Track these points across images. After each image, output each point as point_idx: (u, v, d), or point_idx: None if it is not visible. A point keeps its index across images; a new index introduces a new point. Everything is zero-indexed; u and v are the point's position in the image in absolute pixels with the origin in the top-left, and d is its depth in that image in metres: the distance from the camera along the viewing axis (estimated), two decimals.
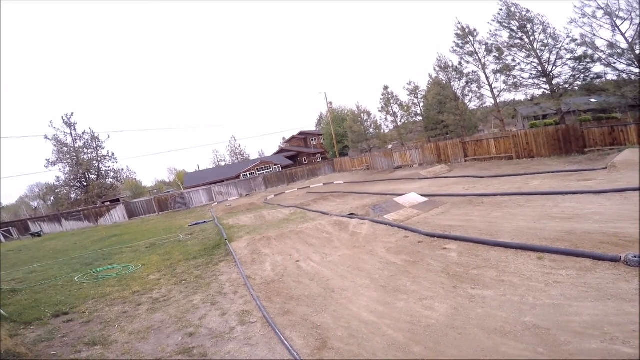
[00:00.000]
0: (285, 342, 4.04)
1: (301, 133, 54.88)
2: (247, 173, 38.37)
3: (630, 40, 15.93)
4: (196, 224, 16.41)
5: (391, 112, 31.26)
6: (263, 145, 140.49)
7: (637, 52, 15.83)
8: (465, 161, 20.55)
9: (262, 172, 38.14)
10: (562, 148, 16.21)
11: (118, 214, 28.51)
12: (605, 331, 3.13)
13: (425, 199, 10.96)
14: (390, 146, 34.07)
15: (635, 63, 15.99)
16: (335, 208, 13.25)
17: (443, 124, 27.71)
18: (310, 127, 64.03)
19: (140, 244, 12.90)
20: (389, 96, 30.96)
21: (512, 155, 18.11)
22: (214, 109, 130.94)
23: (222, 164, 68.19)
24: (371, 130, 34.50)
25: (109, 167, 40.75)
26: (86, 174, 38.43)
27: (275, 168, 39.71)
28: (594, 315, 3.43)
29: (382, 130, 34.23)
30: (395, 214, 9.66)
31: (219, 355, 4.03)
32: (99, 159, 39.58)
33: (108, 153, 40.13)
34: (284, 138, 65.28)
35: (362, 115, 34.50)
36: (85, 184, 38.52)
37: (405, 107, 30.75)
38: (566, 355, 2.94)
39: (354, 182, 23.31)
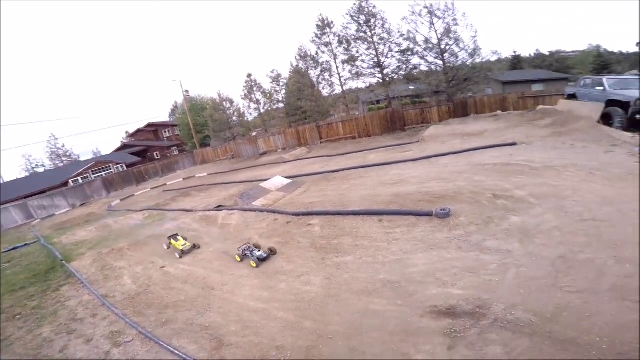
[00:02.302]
0: (176, 351, 3.72)
1: (150, 125, 47.97)
2: (79, 178, 30.94)
3: (439, 36, 19.84)
4: (14, 248, 12.44)
5: (254, 99, 31.06)
6: (98, 142, 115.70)
7: (443, 47, 19.82)
8: (321, 143, 22.72)
9: (99, 174, 31.72)
10: (390, 127, 19.98)
11: None
12: (438, 277, 3.91)
13: (289, 180, 11.51)
14: (254, 133, 34.01)
15: (440, 56, 20.16)
16: (200, 203, 12.45)
17: (302, 110, 29.47)
18: (163, 117, 56.84)
19: None
20: (252, 84, 30.63)
21: (356, 135, 21.13)
22: (25, 101, 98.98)
23: (41, 170, 52.72)
24: (234, 118, 33.45)
25: None
26: None
27: (117, 168, 33.62)
28: (426, 265, 4.23)
29: (246, 118, 33.72)
30: (263, 199, 9.84)
31: None
32: None
33: None
34: (127, 132, 55.62)
35: (225, 103, 32.91)
36: None
37: (268, 95, 31.12)
38: (418, 304, 3.58)
39: (219, 173, 22.32)
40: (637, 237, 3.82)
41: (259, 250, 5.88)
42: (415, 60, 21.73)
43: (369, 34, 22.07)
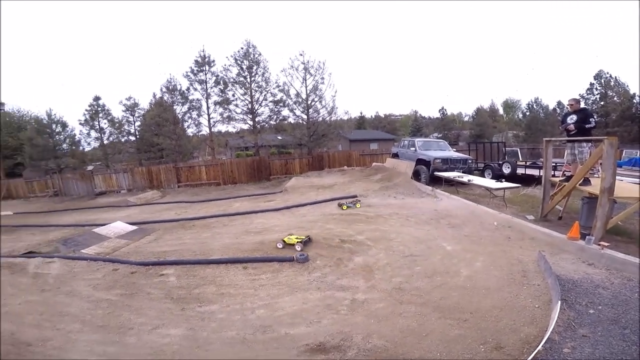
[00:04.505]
0: None
1: None
2: None
3: (308, 92, 22.02)
4: None
5: (98, 127, 26.40)
6: None
7: (309, 102, 21.96)
8: (179, 187, 20.81)
9: None
10: (256, 176, 20.56)
11: None
12: (305, 317, 4.11)
13: (134, 227, 10.11)
14: (90, 167, 28.30)
15: (306, 111, 22.42)
16: None
17: (158, 147, 26.77)
18: None
19: None
20: (99, 108, 26.11)
21: (220, 181, 20.54)
22: None
23: None
24: (64, 146, 27.19)
25: None
26: None
27: None
28: (293, 307, 4.38)
29: (82, 148, 28.00)
30: (97, 247, 8.23)
31: None
32: None
33: None
34: None
35: (55, 126, 26.51)
36: None
37: (118, 124, 27.06)
38: (292, 344, 3.61)
39: (32, 213, 17.15)
40: (442, 266, 5.16)
41: None
42: (285, 112, 23.47)
43: (248, 79, 22.69)
